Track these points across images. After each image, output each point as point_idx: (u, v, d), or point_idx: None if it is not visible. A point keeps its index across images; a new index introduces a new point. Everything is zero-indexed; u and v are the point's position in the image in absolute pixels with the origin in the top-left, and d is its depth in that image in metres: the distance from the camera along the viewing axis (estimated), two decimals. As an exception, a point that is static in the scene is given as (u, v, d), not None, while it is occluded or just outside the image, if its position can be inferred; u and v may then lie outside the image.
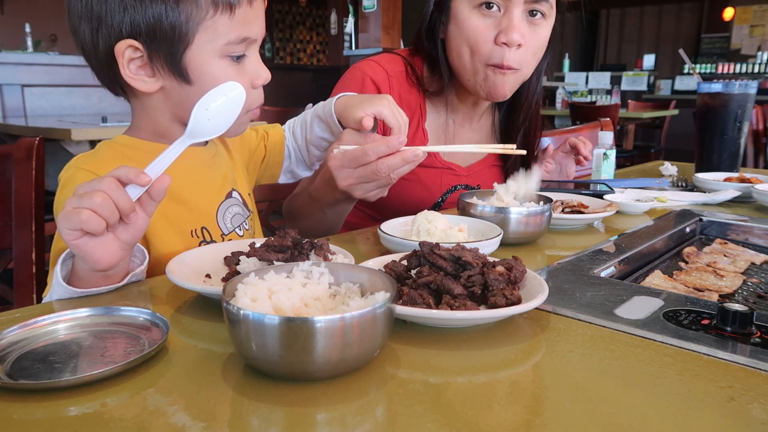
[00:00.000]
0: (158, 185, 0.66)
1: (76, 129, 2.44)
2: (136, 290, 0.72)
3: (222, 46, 0.78)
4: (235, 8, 0.77)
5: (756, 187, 1.29)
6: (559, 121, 6.08)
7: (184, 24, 0.76)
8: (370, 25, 5.33)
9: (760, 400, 0.47)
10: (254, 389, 0.48)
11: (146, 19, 0.75)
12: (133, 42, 0.76)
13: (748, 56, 8.93)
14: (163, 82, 0.80)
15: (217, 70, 0.79)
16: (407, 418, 0.44)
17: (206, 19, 0.77)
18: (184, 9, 0.75)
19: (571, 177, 1.46)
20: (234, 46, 0.79)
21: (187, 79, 0.79)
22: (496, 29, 1.12)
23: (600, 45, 10.96)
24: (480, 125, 1.36)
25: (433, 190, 1.28)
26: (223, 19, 0.77)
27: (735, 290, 0.85)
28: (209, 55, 0.79)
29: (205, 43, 0.78)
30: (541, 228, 0.93)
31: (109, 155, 0.85)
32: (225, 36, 0.78)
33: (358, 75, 1.25)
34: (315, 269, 0.58)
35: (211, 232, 0.88)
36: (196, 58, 0.78)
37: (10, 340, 0.54)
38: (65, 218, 0.62)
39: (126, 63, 0.78)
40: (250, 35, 0.80)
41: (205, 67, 0.79)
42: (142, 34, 0.76)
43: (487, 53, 1.13)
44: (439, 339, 0.58)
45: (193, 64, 0.79)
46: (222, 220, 0.90)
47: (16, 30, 5.67)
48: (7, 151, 1.12)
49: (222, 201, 0.92)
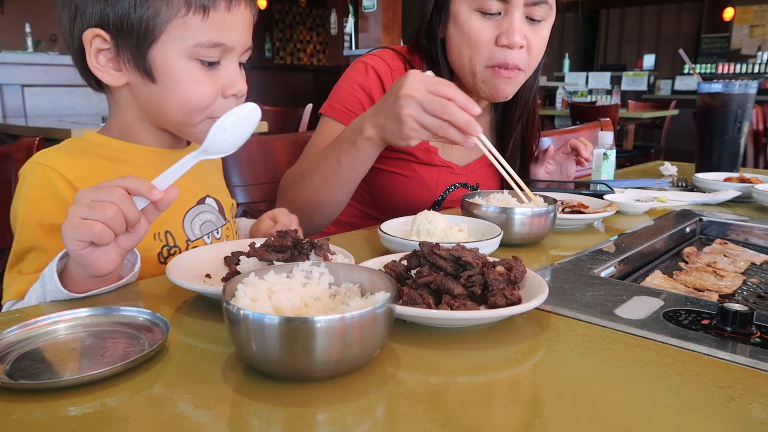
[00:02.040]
0: (166, 197, 0.65)
1: (76, 129, 2.43)
2: (136, 290, 0.72)
3: (191, 47, 0.77)
4: (210, 11, 0.76)
5: (756, 187, 1.29)
6: (559, 121, 6.08)
7: (152, 19, 0.75)
8: (370, 25, 5.33)
9: (760, 400, 0.47)
10: (254, 389, 0.48)
11: (115, 10, 0.75)
12: (101, 32, 0.76)
13: (748, 56, 8.93)
14: (129, 77, 0.79)
15: (182, 71, 0.78)
16: (407, 418, 0.44)
17: (176, 17, 0.75)
18: (153, 4, 0.75)
19: (571, 177, 1.46)
20: (205, 49, 0.77)
21: (151, 76, 0.78)
22: (496, 31, 1.12)
23: (600, 45, 10.96)
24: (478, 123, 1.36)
25: (432, 188, 1.28)
26: (195, 20, 0.76)
27: (735, 290, 0.85)
28: (176, 54, 0.77)
29: (173, 41, 0.76)
30: (545, 229, 0.93)
31: (73, 152, 0.83)
32: (194, 37, 0.76)
33: (362, 66, 1.25)
34: (315, 269, 0.58)
35: (176, 236, 0.86)
36: (162, 55, 0.77)
37: (10, 340, 0.54)
38: (74, 229, 0.62)
39: (94, 53, 0.77)
40: (225, 42, 0.78)
41: (170, 66, 0.77)
42: (110, 25, 0.76)
43: (487, 55, 1.13)
44: (439, 339, 0.58)
45: (158, 62, 0.77)
46: (189, 226, 0.88)
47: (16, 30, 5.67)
48: (7, 151, 1.12)
49: (192, 206, 0.89)
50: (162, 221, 0.83)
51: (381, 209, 1.30)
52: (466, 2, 1.13)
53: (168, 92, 0.79)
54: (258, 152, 1.45)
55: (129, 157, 0.84)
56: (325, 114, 1.25)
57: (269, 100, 6.47)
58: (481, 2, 1.11)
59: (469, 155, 1.35)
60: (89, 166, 0.81)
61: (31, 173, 0.79)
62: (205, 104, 0.80)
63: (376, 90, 1.22)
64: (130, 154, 0.84)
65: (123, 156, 0.84)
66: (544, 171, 1.42)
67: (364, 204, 1.33)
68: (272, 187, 1.46)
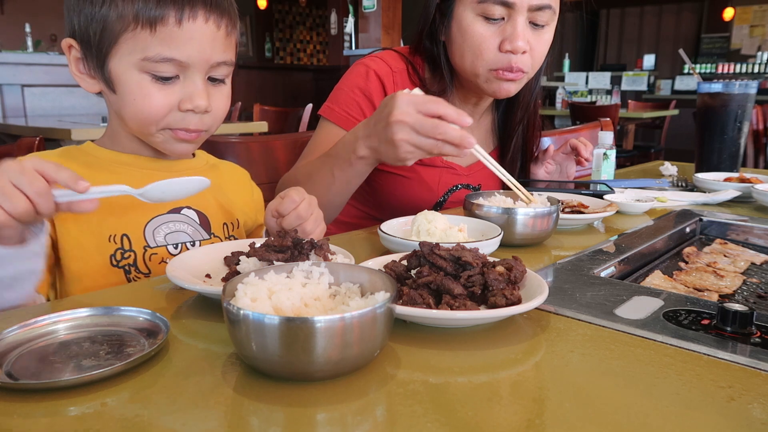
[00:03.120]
0: (86, 205, 0.65)
1: (76, 129, 2.43)
2: (136, 290, 0.72)
3: (139, 60, 0.78)
4: (157, 26, 0.77)
5: (756, 187, 1.29)
6: (559, 121, 6.08)
7: (106, 31, 0.78)
8: (370, 25, 5.33)
9: (760, 400, 0.47)
10: (254, 389, 0.48)
11: (79, 21, 0.79)
12: (72, 41, 0.81)
13: (748, 56, 8.93)
14: (99, 86, 0.83)
15: (133, 83, 0.80)
16: (407, 418, 0.44)
17: (127, 31, 0.77)
18: (108, 16, 0.77)
19: (571, 177, 1.46)
20: (154, 63, 0.78)
21: (111, 86, 0.82)
22: (500, 36, 1.12)
23: (600, 45, 10.95)
24: (480, 124, 1.37)
25: (434, 189, 1.28)
26: (144, 34, 0.77)
27: (735, 290, 0.85)
28: (127, 67, 0.79)
29: (124, 54, 0.79)
30: (548, 229, 0.93)
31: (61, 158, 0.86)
32: (143, 51, 0.78)
33: (362, 69, 1.25)
34: (315, 269, 0.58)
35: (133, 240, 0.85)
36: (116, 67, 0.80)
37: (10, 340, 0.54)
38: None
39: (73, 61, 0.83)
40: (177, 57, 0.78)
41: (123, 78, 0.80)
42: (77, 36, 0.81)
43: (491, 60, 1.13)
44: (439, 339, 0.58)
45: (114, 73, 0.80)
46: (152, 232, 0.87)
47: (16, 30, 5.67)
48: (7, 151, 1.13)
49: (160, 214, 0.88)
50: (121, 224, 0.84)
51: (382, 210, 1.30)
52: (469, 7, 1.13)
53: (124, 103, 0.82)
54: (258, 152, 1.45)
55: (107, 164, 0.87)
56: (324, 116, 1.25)
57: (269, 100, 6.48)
58: (484, 8, 1.11)
59: (471, 156, 1.34)
60: None
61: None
62: (156, 117, 0.81)
63: (377, 94, 1.22)
64: (110, 161, 0.87)
65: (106, 164, 0.87)
66: (544, 171, 1.42)
67: (365, 204, 1.33)
68: (272, 187, 1.46)
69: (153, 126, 0.82)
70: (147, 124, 0.82)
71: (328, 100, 1.26)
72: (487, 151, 1.36)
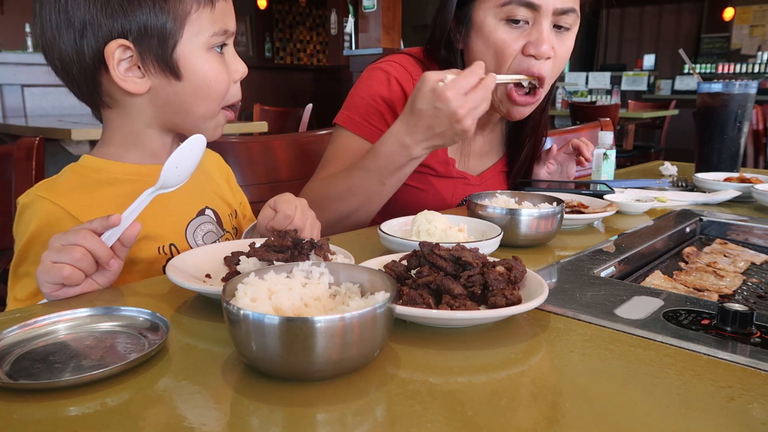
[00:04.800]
0: (129, 233, 0.69)
1: (76, 129, 2.43)
2: (136, 290, 0.72)
3: (208, 38, 0.82)
4: (216, 2, 0.82)
5: (756, 187, 1.29)
6: (559, 121, 6.08)
7: (171, 21, 0.79)
8: (370, 25, 5.33)
9: (760, 400, 0.47)
10: (254, 389, 0.48)
11: (136, 20, 0.78)
12: (124, 41, 0.78)
13: (748, 56, 8.93)
14: (152, 81, 0.82)
15: (205, 64, 0.83)
16: (407, 418, 0.44)
17: (191, 14, 0.80)
18: (170, 7, 0.79)
19: (571, 177, 1.46)
20: (218, 37, 0.83)
21: (177, 75, 0.82)
22: (524, 40, 1.09)
23: (600, 45, 10.95)
24: (490, 131, 1.36)
25: (448, 201, 1.28)
26: (206, 13, 0.81)
27: (735, 290, 0.85)
28: (197, 49, 0.82)
29: (192, 37, 0.81)
30: (551, 231, 0.92)
31: (71, 180, 0.85)
32: (210, 29, 0.82)
33: (383, 76, 1.22)
34: (315, 269, 0.58)
35: (180, 249, 0.87)
36: (185, 53, 0.81)
37: (10, 340, 0.54)
38: (45, 273, 0.66)
39: (116, 64, 0.79)
40: (230, 28, 0.85)
41: (194, 61, 0.82)
42: (132, 34, 0.78)
43: (515, 65, 1.11)
44: (439, 339, 0.58)
45: (183, 59, 0.81)
46: (192, 237, 0.90)
47: (16, 30, 5.67)
48: (7, 151, 1.13)
49: (192, 218, 0.91)
50: (166, 235, 0.86)
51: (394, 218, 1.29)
52: (491, 12, 1.10)
53: (195, 87, 0.83)
54: (258, 152, 1.45)
55: (129, 176, 0.85)
56: (342, 125, 1.20)
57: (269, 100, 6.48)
58: (508, 10, 1.08)
59: (483, 163, 1.35)
60: (89, 197, 0.82)
61: (30, 204, 0.81)
62: (224, 91, 0.86)
63: (399, 102, 1.19)
64: (129, 173, 0.86)
65: (123, 176, 0.85)
66: (546, 171, 1.42)
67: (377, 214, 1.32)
68: (272, 187, 1.46)
69: (218, 104, 0.86)
70: (216, 102, 0.86)
71: (345, 108, 1.22)
72: (494, 160, 1.37)
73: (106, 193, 0.83)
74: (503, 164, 1.38)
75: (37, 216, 0.79)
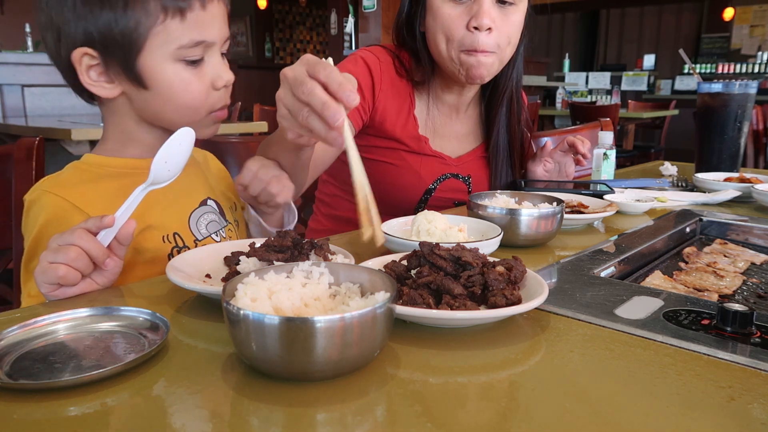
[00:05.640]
0: (124, 231, 0.69)
1: (76, 129, 2.43)
2: (136, 290, 0.72)
3: (174, 50, 0.79)
4: (186, 12, 0.78)
5: (756, 187, 1.29)
6: (559, 121, 6.08)
7: (134, 30, 0.77)
8: (370, 25, 5.33)
9: (760, 400, 0.47)
10: (254, 389, 0.48)
11: (98, 27, 0.77)
12: (88, 50, 0.78)
13: (748, 56, 8.92)
14: (122, 87, 0.82)
15: (171, 75, 0.80)
16: (407, 418, 0.44)
17: (156, 24, 0.77)
18: (133, 15, 0.76)
19: (570, 177, 1.45)
20: (188, 50, 0.80)
21: (143, 84, 0.80)
22: (468, 16, 1.16)
23: (600, 45, 10.95)
24: (467, 116, 1.39)
25: (423, 177, 1.30)
26: (174, 24, 0.78)
27: (735, 290, 0.85)
28: (162, 60, 0.79)
29: (156, 47, 0.78)
30: (552, 231, 0.92)
31: (74, 176, 0.86)
32: (177, 40, 0.79)
33: (352, 58, 1.30)
34: (315, 269, 0.58)
35: (184, 237, 0.88)
36: (149, 63, 0.79)
37: (10, 340, 0.54)
38: (42, 273, 0.66)
39: (85, 70, 0.79)
40: (206, 39, 0.81)
41: (159, 72, 0.80)
42: (95, 42, 0.78)
43: (460, 39, 1.17)
44: (439, 339, 0.58)
45: (147, 70, 0.80)
46: (195, 226, 0.90)
47: (16, 30, 5.66)
48: (7, 151, 1.13)
49: (195, 208, 0.92)
50: (169, 224, 0.87)
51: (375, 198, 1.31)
52: None
53: (163, 97, 0.82)
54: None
55: (130, 170, 0.86)
56: None
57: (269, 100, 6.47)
58: None
59: (461, 147, 1.37)
60: (94, 190, 0.83)
61: (37, 199, 0.81)
62: (200, 101, 0.83)
63: (363, 78, 1.25)
64: (131, 167, 0.86)
65: (124, 170, 0.86)
66: (543, 169, 1.42)
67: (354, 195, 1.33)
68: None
69: (203, 110, 0.84)
70: (193, 112, 0.83)
71: None
72: (474, 145, 1.38)
73: (109, 186, 0.84)
74: (483, 150, 1.40)
75: (45, 210, 0.80)
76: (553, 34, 10.68)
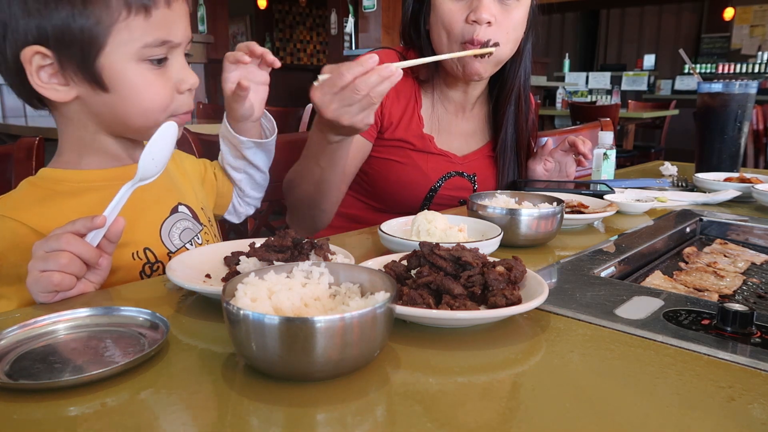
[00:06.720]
0: (114, 229, 0.68)
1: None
2: (136, 290, 0.72)
3: (139, 49, 0.74)
4: (152, 10, 0.73)
5: (756, 187, 1.29)
6: (559, 121, 6.08)
7: (94, 27, 0.71)
8: (370, 25, 5.33)
9: (760, 400, 0.47)
10: (254, 389, 0.48)
11: (53, 23, 0.71)
12: (41, 48, 0.72)
13: (749, 56, 8.92)
14: (78, 90, 0.75)
15: (135, 76, 0.75)
16: (407, 418, 0.44)
17: (119, 21, 0.72)
18: (93, 11, 0.71)
19: (571, 177, 1.45)
20: (152, 49, 0.75)
21: (102, 86, 0.75)
22: (467, 10, 1.18)
23: (600, 45, 10.95)
24: (474, 114, 1.39)
25: (429, 175, 1.31)
26: (138, 21, 0.73)
27: (735, 290, 0.85)
28: (125, 60, 0.74)
29: (119, 46, 0.73)
30: (552, 231, 0.92)
31: (30, 194, 0.81)
32: (141, 39, 0.74)
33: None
34: (315, 269, 0.58)
35: (156, 252, 0.84)
36: (110, 63, 0.74)
37: (10, 340, 0.54)
38: (36, 283, 0.65)
39: (35, 71, 0.73)
40: (171, 39, 0.76)
41: (121, 73, 0.75)
42: (50, 40, 0.72)
43: (459, 32, 1.18)
44: (439, 339, 0.58)
45: (107, 70, 0.74)
46: (168, 237, 0.86)
47: (16, 30, 5.65)
48: (7, 151, 1.12)
49: (166, 217, 0.87)
50: (139, 240, 0.83)
51: (379, 198, 1.33)
52: None
53: (124, 99, 0.76)
54: (258, 152, 1.45)
55: (89, 184, 0.81)
56: None
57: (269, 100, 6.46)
58: None
59: (468, 145, 1.37)
60: (52, 210, 0.78)
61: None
62: (164, 104, 0.79)
63: None
64: (90, 181, 0.82)
65: (83, 185, 0.81)
66: (543, 169, 1.42)
67: (361, 193, 1.36)
68: (272, 186, 1.46)
69: (161, 114, 0.79)
70: (156, 114, 0.78)
71: None
72: (481, 143, 1.39)
73: (70, 205, 0.79)
74: (489, 149, 1.40)
75: (4, 238, 0.75)
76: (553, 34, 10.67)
